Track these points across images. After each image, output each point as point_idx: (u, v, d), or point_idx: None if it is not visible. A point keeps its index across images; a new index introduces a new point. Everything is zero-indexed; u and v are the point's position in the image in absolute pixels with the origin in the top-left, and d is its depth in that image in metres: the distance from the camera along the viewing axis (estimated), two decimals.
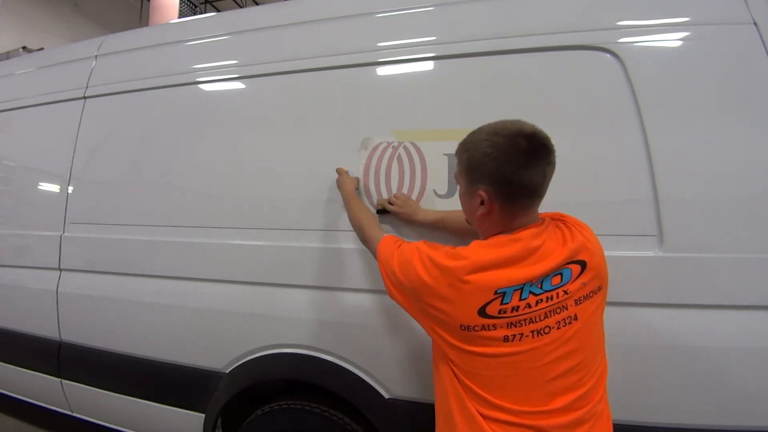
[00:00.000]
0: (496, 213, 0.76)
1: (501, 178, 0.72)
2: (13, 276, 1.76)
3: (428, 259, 0.75)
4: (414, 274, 0.76)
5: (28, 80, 1.96)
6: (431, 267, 0.74)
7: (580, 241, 0.78)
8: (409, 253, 0.79)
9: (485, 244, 0.76)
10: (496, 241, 0.75)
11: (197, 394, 1.37)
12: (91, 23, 9.35)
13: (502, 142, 0.72)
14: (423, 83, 1.23)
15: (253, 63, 1.42)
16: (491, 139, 0.73)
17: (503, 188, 0.73)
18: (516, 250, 0.73)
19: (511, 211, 0.75)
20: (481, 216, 0.78)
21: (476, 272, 0.71)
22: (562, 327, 0.72)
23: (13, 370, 1.79)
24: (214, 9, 10.81)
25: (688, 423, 0.94)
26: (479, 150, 0.74)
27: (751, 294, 0.92)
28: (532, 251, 0.74)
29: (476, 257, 0.72)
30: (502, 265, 0.72)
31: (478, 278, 0.71)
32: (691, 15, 1.04)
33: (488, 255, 0.72)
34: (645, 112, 1.01)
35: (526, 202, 0.75)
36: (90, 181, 1.63)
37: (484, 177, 0.74)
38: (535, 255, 0.73)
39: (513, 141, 0.71)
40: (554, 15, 1.13)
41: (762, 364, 0.91)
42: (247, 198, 1.34)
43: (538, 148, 0.72)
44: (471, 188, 0.78)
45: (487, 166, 0.73)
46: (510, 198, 0.74)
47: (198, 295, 1.37)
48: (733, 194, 0.94)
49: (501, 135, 0.72)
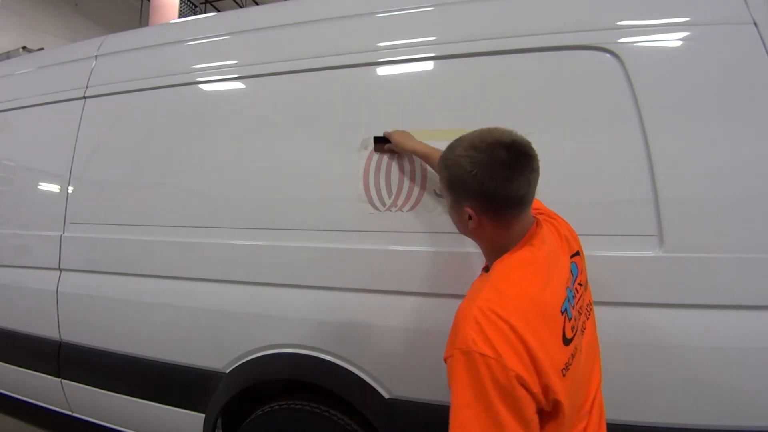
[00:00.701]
0: (487, 225, 0.73)
1: (485, 194, 0.69)
2: (13, 276, 1.76)
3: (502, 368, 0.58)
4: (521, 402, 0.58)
5: (28, 80, 1.96)
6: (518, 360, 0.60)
7: (568, 231, 0.82)
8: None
9: (515, 280, 0.68)
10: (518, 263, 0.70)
11: (197, 394, 1.37)
12: (91, 23, 9.35)
13: (482, 157, 0.68)
14: (423, 83, 1.23)
15: (253, 63, 1.42)
16: (470, 154, 0.69)
17: (489, 203, 0.70)
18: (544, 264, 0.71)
19: (502, 222, 0.72)
20: (473, 230, 0.75)
21: (536, 314, 0.64)
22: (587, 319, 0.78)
23: (13, 370, 1.79)
24: (214, 9, 10.81)
25: (688, 423, 0.94)
26: (460, 167, 0.70)
27: (751, 294, 0.92)
28: (553, 257, 0.74)
29: (516, 299, 0.64)
30: (546, 285, 0.69)
31: (538, 311, 0.64)
32: (691, 15, 1.03)
33: (529, 288, 0.67)
34: (645, 112, 1.01)
35: (515, 212, 0.72)
36: (90, 181, 1.63)
37: (468, 194, 0.71)
38: (555, 259, 0.74)
39: (492, 154, 0.68)
40: (554, 15, 1.13)
41: (762, 364, 0.91)
42: (247, 198, 1.34)
43: (519, 158, 0.68)
44: (456, 204, 0.75)
45: (470, 183, 0.69)
46: (498, 211, 0.71)
47: (198, 295, 1.37)
48: (733, 194, 0.94)
49: (479, 149, 0.69)
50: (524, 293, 0.65)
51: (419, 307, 1.13)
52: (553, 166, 1.06)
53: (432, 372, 1.09)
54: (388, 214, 1.18)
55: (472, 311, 0.63)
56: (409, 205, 1.18)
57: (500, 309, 0.62)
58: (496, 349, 0.58)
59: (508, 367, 0.57)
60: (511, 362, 0.57)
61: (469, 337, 0.60)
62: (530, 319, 0.62)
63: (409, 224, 1.16)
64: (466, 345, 0.60)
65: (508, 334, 0.60)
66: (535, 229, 0.75)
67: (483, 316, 0.61)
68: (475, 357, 0.58)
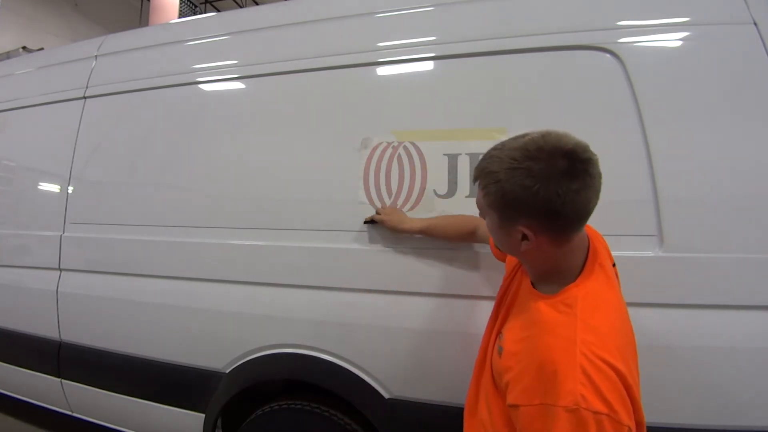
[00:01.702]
0: (545, 245, 0.63)
1: (551, 212, 0.59)
2: (13, 276, 1.76)
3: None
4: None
5: (28, 80, 1.96)
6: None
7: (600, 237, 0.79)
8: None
9: (604, 312, 0.62)
10: (602, 292, 0.64)
11: (197, 394, 1.37)
12: (91, 23, 9.35)
13: (541, 169, 0.58)
14: (423, 83, 1.23)
15: (253, 63, 1.42)
16: (527, 166, 0.59)
17: (554, 222, 0.61)
18: (617, 286, 0.69)
19: (562, 240, 0.64)
20: (527, 251, 0.65)
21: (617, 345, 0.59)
22: None
23: (13, 370, 1.79)
24: (214, 9, 10.82)
25: (687, 423, 0.94)
26: (515, 182, 0.59)
27: (751, 294, 0.92)
28: (613, 272, 0.71)
29: (611, 335, 0.59)
30: (624, 310, 0.66)
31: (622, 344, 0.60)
32: (691, 15, 1.03)
33: (617, 319, 0.63)
34: (645, 112, 1.01)
35: (580, 227, 0.64)
36: (90, 181, 1.63)
37: (527, 212, 0.61)
38: (612, 274, 0.71)
39: (554, 164, 0.58)
40: (554, 15, 1.13)
41: (762, 364, 0.91)
42: (247, 198, 1.34)
43: (585, 165, 0.59)
44: (507, 223, 0.64)
45: (530, 201, 0.59)
46: (563, 229, 0.62)
47: (198, 295, 1.37)
48: (733, 194, 0.94)
49: (537, 159, 0.58)
50: (616, 326, 0.60)
51: (419, 307, 1.13)
52: None
53: (432, 372, 1.10)
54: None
55: (575, 358, 0.54)
56: (409, 205, 1.18)
57: (604, 352, 0.55)
58: (610, 404, 0.52)
59: (622, 423, 0.52)
60: (625, 416, 0.52)
61: (577, 393, 0.52)
62: (625, 355, 0.57)
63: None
64: (575, 402, 0.52)
65: (616, 383, 0.54)
66: (593, 243, 0.69)
67: (590, 364, 0.54)
68: (585, 416, 0.51)
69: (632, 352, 0.61)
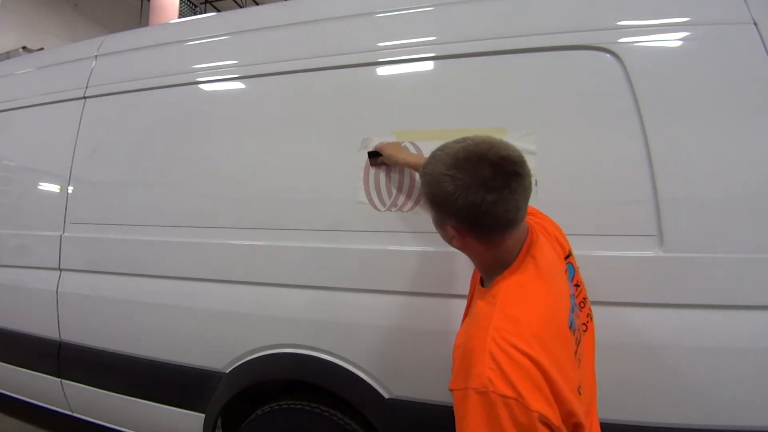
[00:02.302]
0: (473, 245, 0.67)
1: (470, 219, 0.62)
2: (13, 276, 1.76)
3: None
4: None
5: (28, 80, 1.96)
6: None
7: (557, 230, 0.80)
8: None
9: (526, 301, 0.63)
10: (526, 281, 0.65)
11: (197, 394, 1.37)
12: (91, 23, 9.36)
13: (464, 177, 0.60)
14: (423, 83, 1.23)
15: (253, 63, 1.42)
16: (452, 173, 0.61)
17: (473, 226, 0.64)
18: (549, 277, 0.68)
19: (490, 243, 0.66)
20: (460, 246, 0.70)
21: (544, 334, 0.60)
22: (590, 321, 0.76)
23: (13, 370, 1.79)
24: (214, 9, 10.82)
25: (687, 423, 0.94)
26: (440, 187, 0.63)
27: (751, 294, 0.92)
28: (554, 266, 0.71)
29: (532, 324, 0.60)
30: (555, 301, 0.66)
31: (549, 331, 0.61)
32: (691, 15, 1.03)
33: (541, 309, 0.63)
34: (645, 112, 1.01)
35: (504, 233, 0.65)
36: (90, 181, 1.63)
37: (450, 215, 0.64)
38: (555, 267, 0.71)
39: (476, 174, 0.60)
40: (554, 15, 1.13)
41: (762, 364, 0.91)
42: (247, 198, 1.34)
43: (508, 179, 0.60)
44: (439, 220, 0.69)
45: (452, 206, 0.62)
46: (483, 232, 0.64)
47: (198, 295, 1.37)
48: (733, 194, 0.94)
49: (462, 168, 0.61)
50: (538, 316, 0.60)
51: (420, 307, 1.13)
52: (553, 166, 1.06)
53: (432, 372, 1.10)
54: (388, 214, 1.18)
55: (486, 344, 0.56)
56: (409, 205, 1.18)
57: (517, 339, 0.56)
58: (516, 389, 0.53)
59: (530, 408, 0.52)
60: (534, 401, 0.52)
61: (485, 376, 0.54)
62: (548, 345, 0.57)
63: (409, 224, 1.16)
64: (482, 385, 0.54)
65: (528, 369, 0.54)
66: (532, 237, 0.70)
67: (499, 350, 0.55)
68: (493, 398, 0.53)
69: (558, 344, 0.60)
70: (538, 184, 1.07)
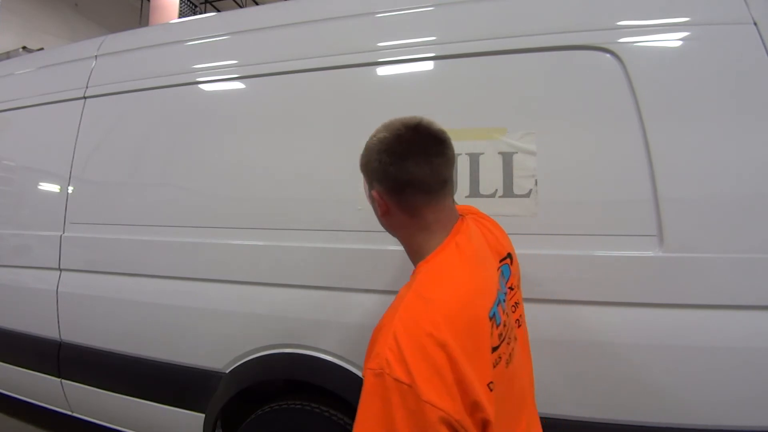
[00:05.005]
0: (395, 212, 0.68)
1: (385, 173, 0.66)
2: (13, 276, 1.76)
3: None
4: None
5: (28, 80, 1.96)
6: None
7: (499, 231, 0.79)
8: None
9: (443, 282, 0.60)
10: (446, 263, 0.63)
11: (197, 394, 1.36)
12: (91, 23, 9.36)
13: (387, 136, 0.66)
14: (423, 83, 1.23)
15: (253, 63, 1.42)
16: (379, 134, 0.68)
17: (389, 183, 0.66)
18: (473, 263, 0.65)
19: (408, 207, 0.67)
20: (384, 218, 0.71)
21: (460, 315, 0.56)
22: (521, 324, 0.74)
23: (13, 370, 1.79)
24: (214, 9, 10.81)
25: (687, 423, 0.94)
26: (370, 149, 0.68)
27: (751, 294, 0.92)
28: (481, 256, 0.69)
29: (445, 306, 0.56)
30: (477, 287, 0.62)
31: (465, 315, 0.57)
32: (691, 15, 1.03)
33: (459, 291, 0.59)
34: (645, 112, 1.01)
35: (419, 197, 0.66)
36: (90, 181, 1.63)
37: (373, 175, 0.68)
38: (484, 258, 0.69)
39: (396, 133, 0.66)
40: (554, 15, 1.13)
41: (762, 364, 0.91)
42: (247, 198, 1.34)
43: (422, 138, 0.65)
44: (369, 189, 0.71)
45: (374, 163, 0.67)
46: (399, 193, 0.66)
47: (198, 295, 1.37)
48: (733, 194, 0.94)
49: (388, 129, 0.67)
50: (455, 298, 0.57)
51: None
52: (553, 166, 1.07)
53: None
54: None
55: (392, 324, 0.53)
56: None
57: (425, 321, 0.53)
58: (412, 374, 0.49)
59: (421, 398, 0.48)
60: (428, 390, 0.48)
61: (383, 357, 0.50)
62: (459, 329, 0.53)
63: None
64: (380, 366, 0.50)
65: (431, 353, 0.50)
66: (460, 225, 0.70)
67: (404, 330, 0.52)
68: (387, 381, 0.49)
69: (471, 330, 0.55)
70: (538, 184, 1.07)
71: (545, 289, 1.03)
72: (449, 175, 0.68)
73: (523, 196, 1.08)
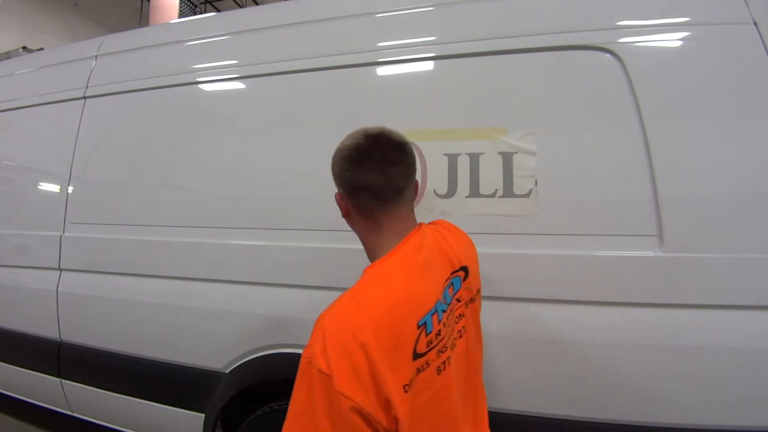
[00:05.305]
0: (354, 215, 0.75)
1: (342, 178, 0.72)
2: (13, 276, 1.76)
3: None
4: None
5: (28, 80, 1.96)
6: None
7: (460, 246, 0.79)
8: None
9: (378, 288, 0.65)
10: (388, 270, 0.67)
11: (197, 394, 1.36)
12: (91, 23, 9.36)
13: (348, 144, 0.72)
14: (423, 83, 1.23)
15: (253, 63, 1.42)
16: (344, 141, 0.74)
17: (346, 188, 0.73)
18: (417, 273, 0.67)
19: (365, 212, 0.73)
20: (345, 219, 0.78)
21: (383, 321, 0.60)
22: (462, 335, 0.73)
23: (13, 370, 1.79)
24: (214, 9, 10.81)
25: (687, 423, 0.94)
26: (335, 155, 0.75)
27: (751, 294, 0.92)
28: (430, 266, 0.70)
29: (373, 311, 0.60)
30: (412, 296, 0.64)
31: (388, 321, 0.60)
32: (691, 15, 1.03)
33: (390, 297, 0.63)
34: (645, 112, 1.01)
35: (374, 203, 0.71)
36: (90, 181, 1.63)
37: (335, 179, 0.75)
38: (430, 269, 0.70)
39: (356, 142, 0.71)
40: (554, 15, 1.13)
41: (762, 364, 0.91)
42: (247, 198, 1.34)
43: (376, 147, 0.70)
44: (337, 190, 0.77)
45: (336, 168, 0.74)
46: (353, 196, 0.72)
47: (198, 295, 1.37)
48: (733, 194, 0.94)
49: (351, 137, 0.73)
50: (384, 304, 0.61)
51: None
52: (553, 166, 1.07)
53: None
54: None
55: (325, 319, 0.61)
56: None
57: (351, 322, 0.59)
58: (331, 366, 0.55)
59: (335, 388, 0.54)
60: (342, 383, 0.54)
61: (313, 348, 0.58)
62: (382, 334, 0.58)
63: None
64: (309, 356, 0.57)
65: (350, 351, 0.56)
66: (414, 234, 0.73)
67: (331, 327, 0.59)
68: (312, 370, 0.56)
69: (394, 333, 0.59)
70: (538, 184, 1.07)
71: (545, 289, 1.03)
72: (404, 185, 0.72)
73: (523, 196, 1.08)
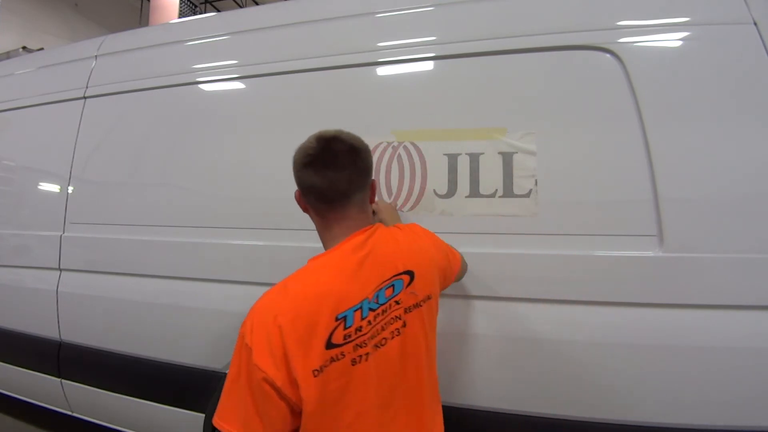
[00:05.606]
0: (309, 210, 0.82)
1: (295, 177, 0.79)
2: (13, 276, 1.76)
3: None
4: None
5: (28, 80, 1.96)
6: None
7: (411, 251, 0.79)
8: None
9: (307, 279, 0.73)
10: (321, 264, 0.75)
11: (197, 394, 1.36)
12: (91, 23, 9.36)
13: (302, 146, 0.78)
14: (423, 83, 1.23)
15: (253, 63, 1.42)
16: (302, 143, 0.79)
17: (299, 187, 0.80)
18: (351, 269, 0.71)
19: (316, 210, 0.80)
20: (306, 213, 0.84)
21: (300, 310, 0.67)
22: (395, 337, 0.73)
23: (13, 370, 1.79)
24: (214, 9, 10.81)
25: (687, 423, 0.94)
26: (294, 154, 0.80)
27: (751, 294, 0.92)
28: (368, 265, 0.72)
29: (297, 299, 0.68)
30: (336, 291, 0.69)
31: (304, 312, 0.67)
32: (691, 15, 1.04)
33: (314, 287, 0.70)
34: (645, 112, 1.01)
35: (319, 203, 0.78)
36: (90, 181, 1.63)
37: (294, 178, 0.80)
38: (365, 268, 0.72)
39: (307, 145, 0.77)
40: (554, 15, 1.13)
41: (762, 364, 0.91)
42: (247, 198, 1.34)
43: (323, 152, 0.75)
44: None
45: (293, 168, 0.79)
46: (304, 195, 0.79)
47: (198, 295, 1.37)
48: (733, 194, 0.94)
49: (308, 139, 0.78)
50: (305, 294, 0.69)
51: None
52: (553, 166, 1.07)
53: None
54: None
55: (257, 303, 0.71)
56: (409, 205, 1.18)
57: (276, 306, 0.68)
58: (253, 341, 0.65)
59: (252, 360, 0.64)
60: (258, 357, 0.64)
61: (245, 324, 0.68)
62: (297, 319, 0.66)
63: None
64: (242, 330, 0.68)
65: (269, 331, 0.65)
66: (360, 234, 0.77)
67: (259, 309, 0.69)
68: (242, 342, 0.67)
69: (309, 321, 0.66)
70: (538, 184, 1.07)
71: (545, 289, 1.03)
72: (351, 188, 0.76)
73: (523, 196, 1.08)
